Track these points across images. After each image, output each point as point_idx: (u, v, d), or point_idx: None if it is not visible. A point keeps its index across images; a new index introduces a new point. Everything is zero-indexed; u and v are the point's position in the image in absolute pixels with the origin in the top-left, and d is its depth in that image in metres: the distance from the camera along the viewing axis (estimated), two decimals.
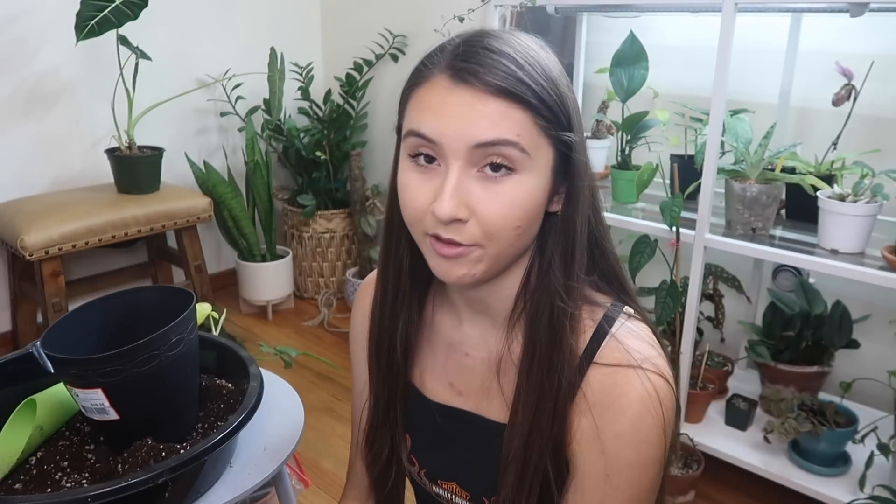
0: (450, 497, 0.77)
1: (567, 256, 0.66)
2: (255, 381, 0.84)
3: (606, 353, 0.66)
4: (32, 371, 0.72)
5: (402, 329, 0.75)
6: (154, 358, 0.73)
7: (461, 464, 0.75)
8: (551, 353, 0.66)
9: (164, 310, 0.78)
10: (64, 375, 0.73)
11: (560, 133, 0.62)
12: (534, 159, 0.61)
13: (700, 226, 1.62)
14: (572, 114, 0.63)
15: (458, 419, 0.75)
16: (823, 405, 1.67)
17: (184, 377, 0.79)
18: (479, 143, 0.59)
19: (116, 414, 0.73)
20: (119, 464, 0.74)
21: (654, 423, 0.63)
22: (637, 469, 0.64)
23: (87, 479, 0.74)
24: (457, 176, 0.60)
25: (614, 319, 0.68)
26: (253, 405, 0.79)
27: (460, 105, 0.59)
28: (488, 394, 0.73)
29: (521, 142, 0.59)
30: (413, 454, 0.80)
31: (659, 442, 0.64)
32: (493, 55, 0.60)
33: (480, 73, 0.59)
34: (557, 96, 0.62)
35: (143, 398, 0.75)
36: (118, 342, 0.73)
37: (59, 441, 0.81)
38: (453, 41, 0.63)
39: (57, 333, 0.76)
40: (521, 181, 0.61)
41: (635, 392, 0.63)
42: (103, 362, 0.70)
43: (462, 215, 0.61)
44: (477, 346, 0.75)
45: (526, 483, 0.67)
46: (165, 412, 0.78)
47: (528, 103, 0.59)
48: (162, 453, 0.74)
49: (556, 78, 0.62)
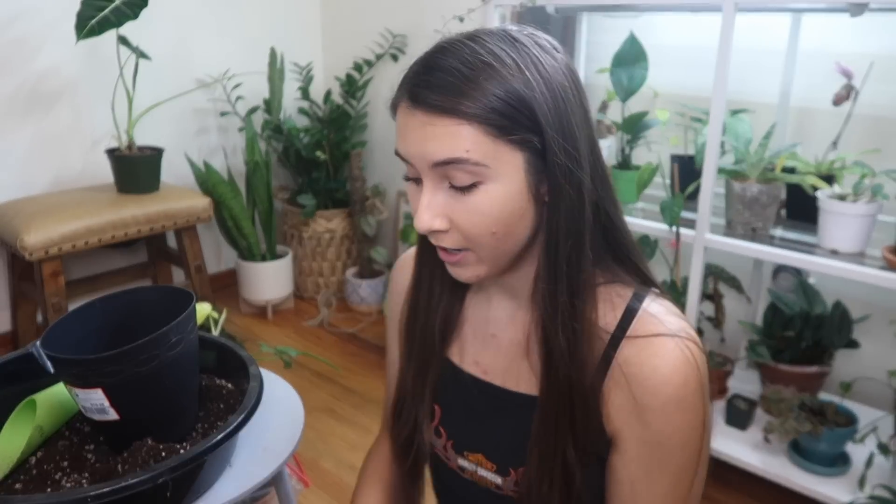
0: (475, 469, 0.78)
1: (551, 253, 0.67)
2: (255, 382, 0.83)
3: (639, 327, 0.68)
4: (32, 371, 0.72)
5: (443, 311, 0.79)
6: (154, 358, 0.72)
7: (489, 435, 0.77)
8: (567, 333, 0.67)
9: (164, 310, 0.77)
10: (64, 375, 0.73)
11: (524, 135, 0.62)
12: (495, 167, 0.62)
13: (700, 226, 1.62)
14: (540, 113, 0.61)
15: (487, 392, 0.77)
16: (823, 405, 1.67)
17: (184, 377, 0.79)
18: (435, 162, 0.62)
19: (116, 414, 0.73)
20: (119, 464, 0.74)
21: (696, 387, 0.66)
22: (687, 432, 0.66)
23: (86, 478, 0.74)
24: (430, 192, 0.64)
25: (644, 297, 0.70)
26: (253, 405, 0.79)
27: (416, 127, 0.63)
28: (516, 372, 0.76)
29: (472, 157, 0.61)
30: (441, 426, 0.81)
31: (702, 406, 0.67)
32: (440, 73, 0.62)
33: (425, 95, 0.62)
34: (512, 98, 0.61)
35: (144, 398, 0.75)
36: (118, 342, 0.72)
37: (59, 441, 0.81)
38: (417, 61, 0.66)
39: (57, 333, 0.76)
40: (488, 191, 0.63)
41: (676, 359, 0.65)
42: (104, 362, 0.70)
43: (438, 226, 0.65)
44: (504, 328, 0.77)
45: (547, 464, 0.69)
46: (165, 412, 0.78)
47: (474, 116, 0.60)
48: (162, 453, 0.74)
49: (514, 82, 0.61)
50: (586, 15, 2.16)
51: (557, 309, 0.67)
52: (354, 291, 2.81)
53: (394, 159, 2.98)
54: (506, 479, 0.75)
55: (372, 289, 2.79)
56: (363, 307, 2.81)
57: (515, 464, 0.74)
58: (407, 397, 0.83)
